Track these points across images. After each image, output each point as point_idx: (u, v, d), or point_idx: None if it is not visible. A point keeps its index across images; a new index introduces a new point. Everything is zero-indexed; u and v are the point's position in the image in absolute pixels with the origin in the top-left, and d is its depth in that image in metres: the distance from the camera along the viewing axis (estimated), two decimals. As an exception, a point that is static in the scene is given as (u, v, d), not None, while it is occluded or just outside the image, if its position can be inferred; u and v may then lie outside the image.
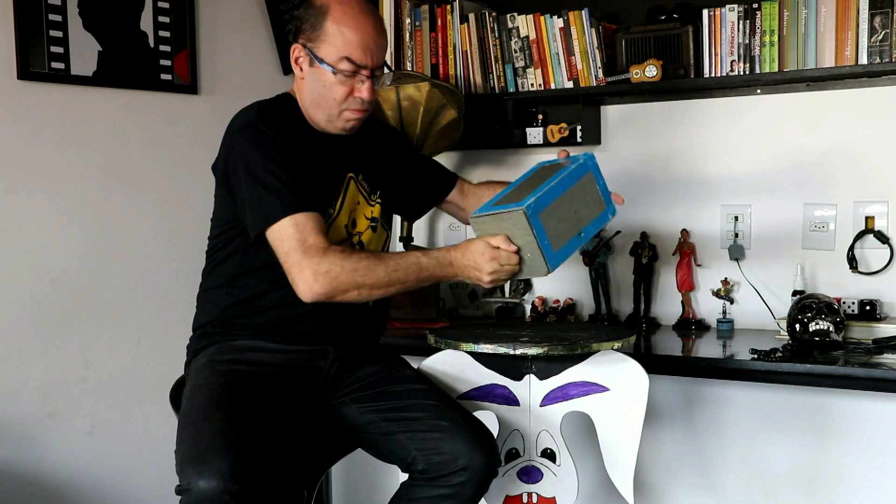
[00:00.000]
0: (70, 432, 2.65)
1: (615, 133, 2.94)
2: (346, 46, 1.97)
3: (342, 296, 1.90)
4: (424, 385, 2.11)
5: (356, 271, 1.88)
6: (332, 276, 1.87)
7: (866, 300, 2.52)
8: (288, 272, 1.89)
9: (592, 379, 2.15)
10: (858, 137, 2.61)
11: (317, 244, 1.88)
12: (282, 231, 1.89)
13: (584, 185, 2.04)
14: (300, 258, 1.87)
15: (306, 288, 1.87)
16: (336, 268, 1.87)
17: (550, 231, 1.95)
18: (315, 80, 2.01)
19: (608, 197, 2.11)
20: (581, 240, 2.05)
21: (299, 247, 1.87)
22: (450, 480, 1.94)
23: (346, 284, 1.88)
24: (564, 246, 1.99)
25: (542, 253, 1.92)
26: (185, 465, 1.71)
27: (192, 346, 2.11)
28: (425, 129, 2.82)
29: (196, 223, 2.67)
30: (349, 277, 1.88)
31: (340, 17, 1.98)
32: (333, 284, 1.87)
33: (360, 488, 3.21)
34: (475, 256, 1.96)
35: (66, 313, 2.64)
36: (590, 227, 2.07)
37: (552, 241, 1.95)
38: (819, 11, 2.45)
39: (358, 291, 1.90)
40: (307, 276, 1.86)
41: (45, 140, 2.58)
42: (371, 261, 1.91)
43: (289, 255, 1.88)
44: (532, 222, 1.91)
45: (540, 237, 1.92)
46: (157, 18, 2.78)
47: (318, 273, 1.86)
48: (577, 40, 2.75)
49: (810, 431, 2.63)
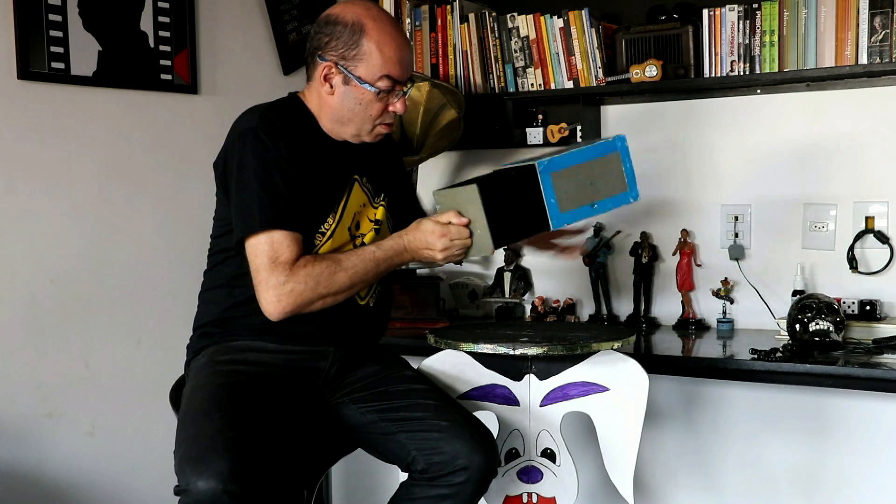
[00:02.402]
0: (70, 432, 2.65)
1: (615, 133, 2.93)
2: (385, 64, 1.98)
3: (308, 308, 1.95)
4: (424, 385, 2.11)
5: (318, 284, 1.93)
6: (296, 294, 1.91)
7: (866, 300, 2.52)
8: (255, 289, 1.94)
9: (592, 379, 2.15)
10: (858, 138, 2.61)
11: (286, 262, 1.91)
12: (257, 245, 1.92)
13: (607, 161, 2.10)
14: (267, 277, 1.91)
15: (271, 308, 1.92)
16: (299, 286, 1.91)
17: (560, 192, 2.01)
18: (350, 97, 2.01)
19: (632, 181, 2.15)
20: (593, 211, 2.10)
21: (269, 265, 1.91)
22: (450, 480, 1.94)
23: (310, 299, 1.93)
24: (573, 211, 2.05)
25: (489, 230, 1.97)
26: (183, 465, 1.71)
27: (192, 346, 2.11)
28: (425, 129, 2.82)
29: (196, 223, 2.68)
30: (312, 292, 1.93)
31: (378, 35, 1.98)
32: (297, 302, 1.92)
33: (360, 488, 3.21)
34: (426, 236, 2.00)
35: (66, 313, 2.63)
36: (605, 202, 2.11)
37: (560, 202, 2.02)
38: (819, 11, 2.45)
39: (322, 301, 1.96)
40: (271, 296, 1.91)
41: (45, 140, 2.58)
42: (331, 269, 1.95)
43: (258, 272, 1.92)
44: (542, 178, 1.98)
45: (547, 195, 2.00)
46: (157, 18, 2.78)
47: (282, 294, 1.91)
48: (577, 40, 2.75)
49: (810, 431, 2.63)
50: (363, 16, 1.98)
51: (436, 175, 3.19)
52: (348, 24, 1.98)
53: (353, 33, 1.97)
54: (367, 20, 1.98)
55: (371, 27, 1.97)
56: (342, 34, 1.98)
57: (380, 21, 1.99)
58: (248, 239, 1.93)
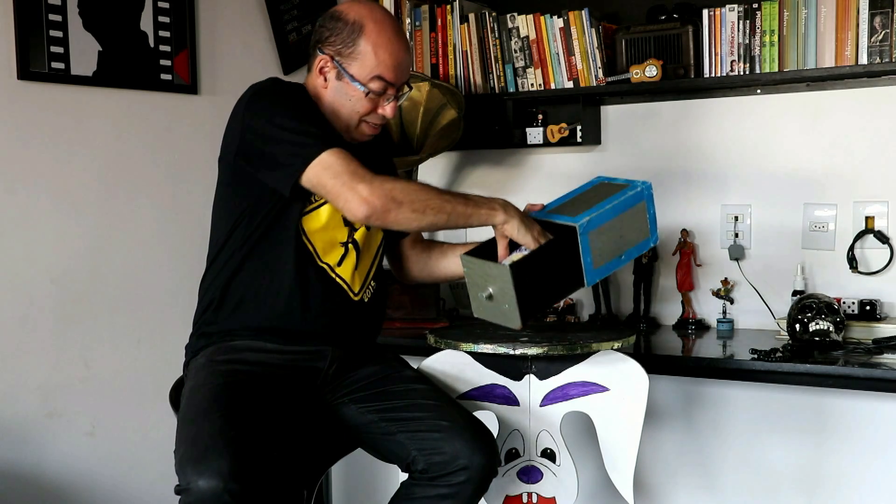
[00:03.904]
0: (70, 432, 2.65)
1: (615, 133, 2.94)
2: (378, 66, 2.00)
3: (396, 211, 1.89)
4: (424, 385, 2.11)
5: (408, 188, 1.91)
6: (387, 189, 1.88)
7: (866, 300, 2.52)
8: (337, 195, 1.88)
9: (592, 379, 2.15)
10: (858, 137, 2.62)
11: (363, 168, 1.89)
12: (323, 163, 1.89)
13: (636, 211, 2.10)
14: (350, 178, 1.87)
15: (358, 203, 1.86)
16: (388, 184, 1.89)
17: (595, 250, 2.01)
18: (341, 92, 2.03)
19: (654, 225, 2.15)
20: (621, 262, 2.10)
21: (347, 170, 1.88)
22: (450, 480, 1.94)
23: (401, 198, 1.88)
24: (604, 265, 2.05)
25: (518, 309, 1.95)
26: (184, 464, 1.71)
27: (191, 347, 2.11)
28: (425, 129, 2.82)
29: (196, 223, 2.68)
30: (402, 192, 1.89)
31: (375, 37, 2.00)
32: (389, 196, 1.87)
33: (360, 488, 3.21)
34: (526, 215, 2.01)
35: (66, 313, 2.63)
36: (631, 251, 2.12)
37: (594, 259, 2.01)
38: (819, 11, 2.45)
39: (411, 207, 1.90)
40: (362, 190, 1.86)
41: (45, 140, 2.58)
42: (416, 185, 1.97)
43: (339, 176, 1.87)
44: (581, 239, 1.97)
45: (584, 254, 1.98)
46: (157, 18, 2.78)
47: (374, 187, 1.87)
48: (577, 40, 2.75)
49: (810, 431, 2.63)
50: (366, 16, 2.01)
51: (436, 175, 3.19)
52: (349, 22, 2.01)
53: (351, 32, 2.00)
54: (368, 21, 2.00)
55: (370, 28, 2.00)
56: (342, 31, 2.01)
57: (380, 24, 2.01)
58: (310, 167, 1.89)
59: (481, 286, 2.00)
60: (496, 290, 1.97)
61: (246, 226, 2.02)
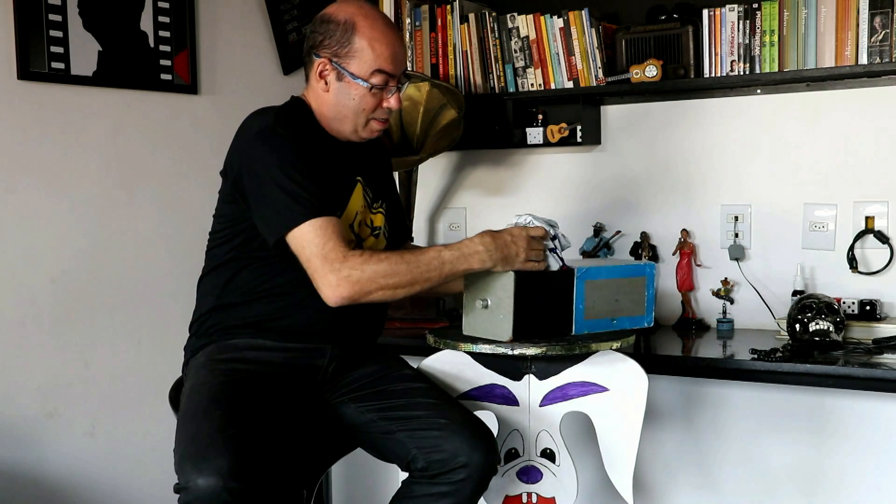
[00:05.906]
0: (70, 432, 2.65)
1: (615, 133, 2.94)
2: (377, 59, 2.03)
3: (367, 297, 1.91)
4: (424, 384, 2.11)
5: (377, 273, 1.90)
6: (354, 280, 1.88)
7: (866, 300, 2.51)
8: (311, 277, 1.92)
9: (592, 379, 2.15)
10: (858, 137, 2.61)
11: (337, 249, 1.90)
12: (303, 237, 1.90)
13: (634, 282, 2.19)
14: (321, 264, 1.89)
15: (330, 292, 1.89)
16: (356, 272, 1.89)
17: (589, 300, 2.11)
18: (344, 93, 2.05)
19: (651, 308, 2.23)
20: (611, 325, 2.18)
21: (320, 252, 1.89)
22: (449, 478, 1.94)
23: (369, 287, 1.90)
24: (594, 321, 2.14)
25: (512, 319, 2.01)
26: (183, 462, 1.71)
27: (190, 346, 2.11)
28: (425, 129, 2.82)
29: (196, 223, 2.67)
30: (370, 282, 1.90)
31: (369, 31, 2.02)
32: (356, 288, 1.89)
33: (360, 488, 3.21)
34: (511, 235, 2.01)
35: (66, 313, 2.64)
36: (623, 321, 2.19)
37: (586, 310, 2.11)
38: (819, 11, 2.45)
39: (382, 292, 1.92)
40: (331, 280, 1.88)
41: (45, 140, 2.58)
42: (391, 260, 1.92)
43: (311, 260, 1.90)
44: (577, 283, 2.08)
45: (578, 300, 2.09)
46: (157, 18, 2.78)
47: (341, 278, 1.88)
48: (577, 40, 2.75)
49: (810, 431, 2.62)
50: (355, 14, 2.04)
51: (436, 175, 3.19)
52: (340, 22, 2.03)
53: (345, 31, 2.02)
54: (358, 18, 2.03)
55: (362, 24, 2.02)
56: (335, 32, 2.03)
57: (371, 18, 2.04)
58: (291, 232, 1.91)
59: (480, 294, 2.06)
60: (494, 300, 2.03)
61: (246, 227, 2.02)
